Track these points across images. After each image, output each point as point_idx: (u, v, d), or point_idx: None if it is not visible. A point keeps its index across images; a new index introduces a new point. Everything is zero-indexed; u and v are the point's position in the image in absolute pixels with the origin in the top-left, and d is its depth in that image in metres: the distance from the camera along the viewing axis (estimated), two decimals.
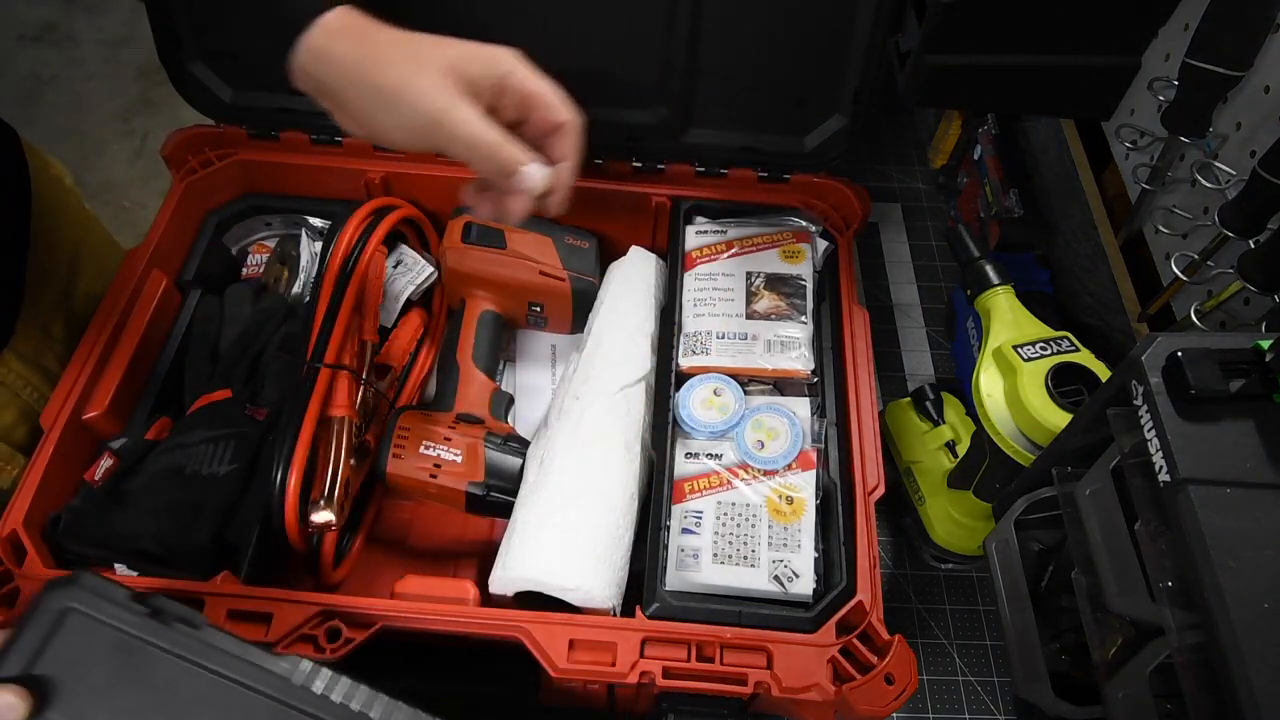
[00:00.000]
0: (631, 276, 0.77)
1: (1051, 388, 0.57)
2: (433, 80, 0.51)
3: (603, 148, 0.77)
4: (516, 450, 0.69)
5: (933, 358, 0.90)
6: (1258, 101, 0.64)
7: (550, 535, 0.61)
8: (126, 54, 2.25)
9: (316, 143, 0.77)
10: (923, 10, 0.66)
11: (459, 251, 0.75)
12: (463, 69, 0.52)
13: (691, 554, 0.61)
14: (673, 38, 0.71)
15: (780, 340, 0.69)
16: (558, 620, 0.56)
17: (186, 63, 0.75)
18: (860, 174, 1.03)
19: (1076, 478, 0.48)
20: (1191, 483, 0.38)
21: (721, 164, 0.78)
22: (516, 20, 0.71)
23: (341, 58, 0.53)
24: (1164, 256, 0.74)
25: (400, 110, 0.51)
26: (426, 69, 0.51)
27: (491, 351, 0.76)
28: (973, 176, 0.95)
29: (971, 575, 0.77)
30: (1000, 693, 0.71)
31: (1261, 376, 0.40)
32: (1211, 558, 0.36)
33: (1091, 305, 0.85)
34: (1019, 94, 0.72)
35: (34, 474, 0.60)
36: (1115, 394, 0.44)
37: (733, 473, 0.64)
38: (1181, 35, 0.67)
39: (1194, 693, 0.38)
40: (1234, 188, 0.66)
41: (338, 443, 0.65)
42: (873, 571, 0.58)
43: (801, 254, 0.74)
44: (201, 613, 0.42)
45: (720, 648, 0.55)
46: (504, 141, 0.52)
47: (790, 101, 0.75)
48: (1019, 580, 0.54)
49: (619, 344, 0.71)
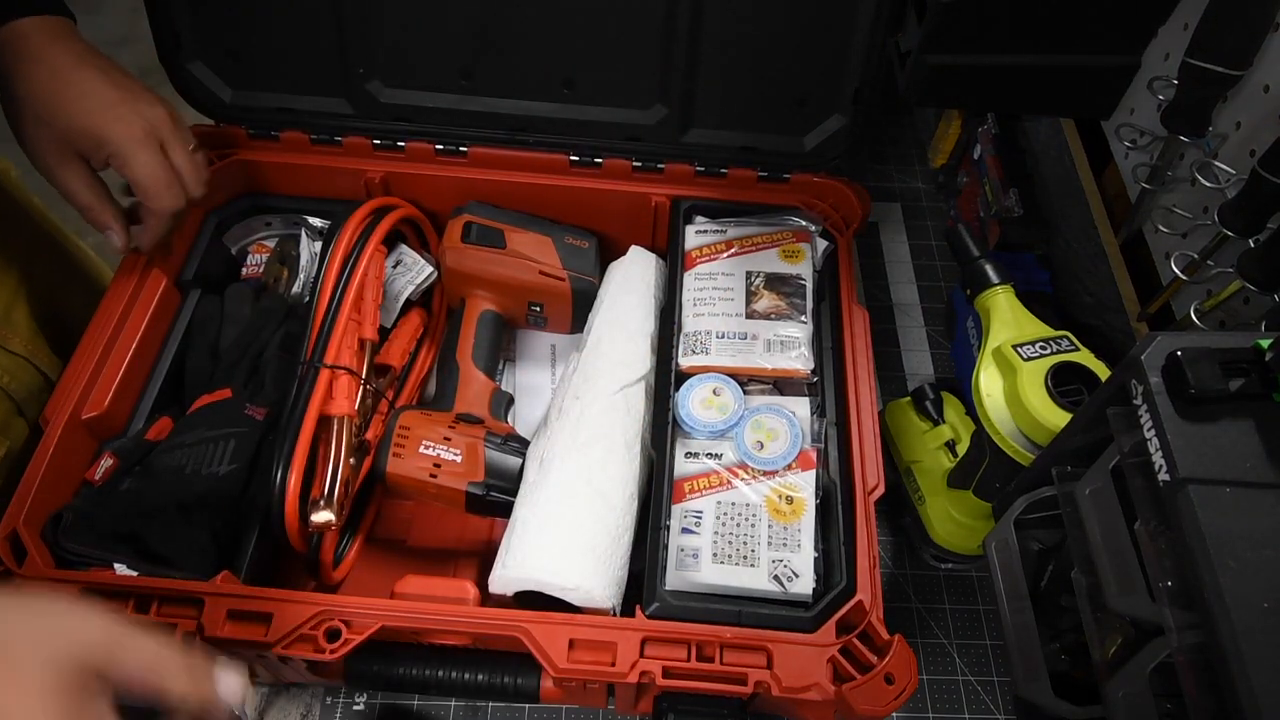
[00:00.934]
0: (631, 276, 0.77)
1: (1051, 387, 0.57)
2: (45, 148, 0.62)
3: (603, 148, 0.77)
4: (516, 450, 0.69)
5: (933, 358, 0.90)
6: (1257, 101, 0.64)
7: (550, 535, 0.61)
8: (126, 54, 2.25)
9: (316, 143, 0.77)
10: (923, 10, 0.66)
11: (459, 251, 0.75)
12: (73, 142, 0.62)
13: (691, 554, 0.61)
14: (673, 38, 0.71)
15: (780, 340, 0.69)
16: (558, 620, 0.56)
17: (186, 63, 0.75)
18: (860, 174, 1.03)
19: (1076, 477, 0.48)
20: (1191, 482, 0.38)
21: (721, 164, 0.78)
22: (517, 20, 0.71)
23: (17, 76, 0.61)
24: (1164, 256, 0.74)
25: (25, 148, 0.63)
26: (43, 143, 0.62)
27: (491, 351, 0.76)
28: (973, 176, 0.95)
29: (971, 575, 0.77)
30: (1000, 692, 0.71)
31: (1261, 376, 0.40)
32: (1211, 558, 0.36)
33: (1091, 305, 0.85)
34: (1019, 94, 0.72)
35: (34, 474, 0.59)
36: (1115, 393, 0.44)
37: (732, 472, 0.64)
38: (1181, 35, 0.66)
39: (1194, 693, 0.38)
40: (1234, 187, 0.66)
41: (338, 442, 0.65)
42: (873, 571, 0.58)
43: (801, 254, 0.74)
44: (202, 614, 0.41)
45: (720, 647, 0.55)
46: (93, 204, 0.64)
47: (790, 101, 0.75)
48: (1019, 580, 0.54)
49: (619, 344, 0.71)
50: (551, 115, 0.76)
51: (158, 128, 0.64)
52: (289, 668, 0.59)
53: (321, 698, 0.69)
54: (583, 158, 0.78)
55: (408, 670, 0.58)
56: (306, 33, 0.73)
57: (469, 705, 0.69)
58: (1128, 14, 0.65)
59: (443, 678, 0.59)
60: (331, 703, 0.69)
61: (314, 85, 0.76)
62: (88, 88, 0.62)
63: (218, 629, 0.54)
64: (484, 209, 0.78)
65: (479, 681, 0.59)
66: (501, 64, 0.74)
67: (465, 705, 0.69)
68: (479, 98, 0.76)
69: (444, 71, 0.75)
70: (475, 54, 0.74)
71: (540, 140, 0.77)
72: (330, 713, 0.68)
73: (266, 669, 0.61)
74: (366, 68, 0.75)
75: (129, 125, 0.62)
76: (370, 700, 0.69)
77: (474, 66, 0.74)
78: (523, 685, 0.59)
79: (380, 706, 0.69)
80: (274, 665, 0.59)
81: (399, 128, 0.77)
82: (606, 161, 0.78)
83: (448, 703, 0.69)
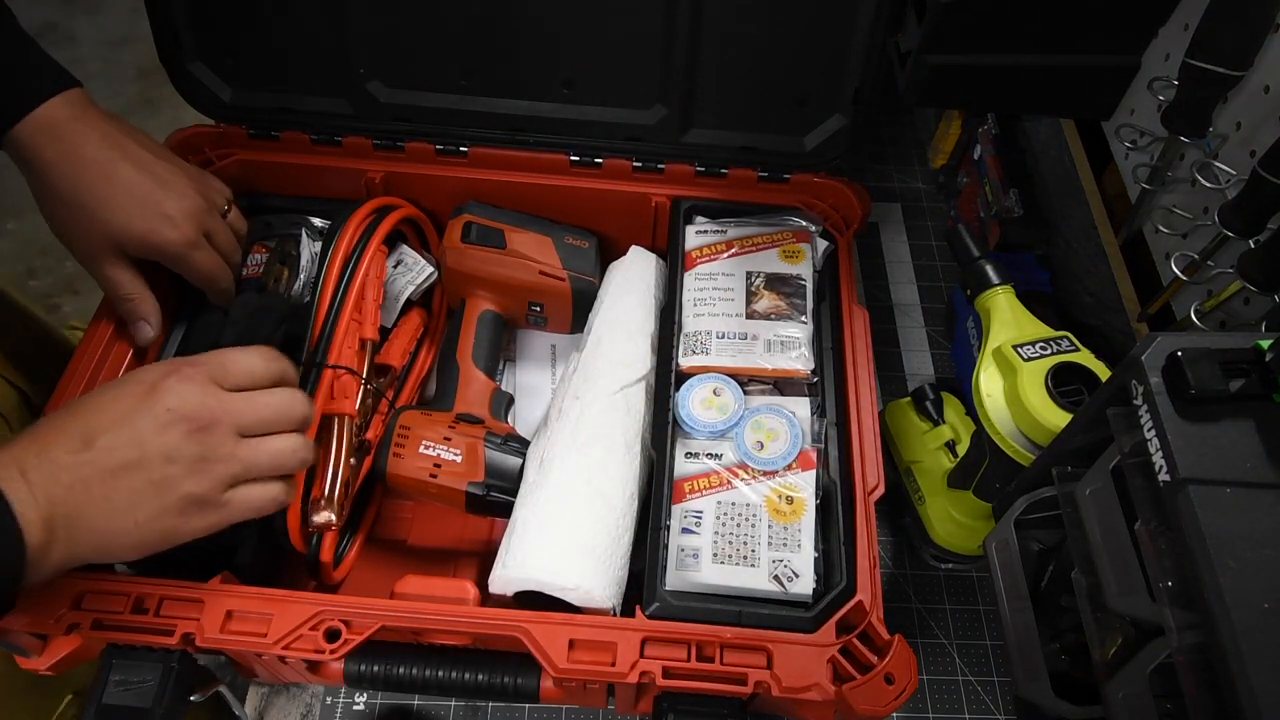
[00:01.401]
0: (631, 276, 0.77)
1: (1051, 387, 0.57)
2: (86, 246, 0.64)
3: (603, 148, 0.77)
4: (516, 450, 0.69)
5: (933, 358, 0.90)
6: (1258, 101, 0.64)
7: (551, 535, 0.61)
8: (126, 54, 2.25)
9: (316, 143, 0.77)
10: (923, 10, 0.66)
11: (459, 251, 0.75)
12: (114, 243, 0.64)
13: (691, 554, 0.61)
14: (673, 38, 0.71)
15: (780, 340, 0.69)
16: (558, 620, 0.56)
17: (186, 63, 0.75)
18: (860, 174, 1.03)
19: (1076, 478, 0.48)
20: (1191, 483, 0.38)
21: (721, 164, 0.78)
22: (517, 20, 0.71)
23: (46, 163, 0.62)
24: (1164, 256, 0.74)
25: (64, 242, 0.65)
26: (83, 236, 0.63)
27: (491, 351, 0.76)
28: (973, 176, 0.95)
29: (971, 575, 0.77)
30: (1000, 692, 0.71)
31: (1261, 376, 0.40)
32: (1211, 558, 0.36)
33: (1091, 305, 0.85)
34: (1019, 94, 0.72)
35: None
36: (1115, 394, 0.44)
37: (732, 472, 0.64)
38: (1181, 35, 0.66)
39: (1194, 693, 0.38)
40: (1234, 187, 0.66)
41: (338, 442, 0.65)
42: (873, 571, 0.58)
43: (801, 254, 0.74)
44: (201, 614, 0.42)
45: (720, 647, 0.55)
46: (132, 298, 0.66)
47: (790, 101, 0.75)
48: (1019, 580, 0.54)
49: (619, 344, 0.71)
50: (551, 115, 0.76)
51: (201, 220, 0.66)
52: (289, 668, 0.59)
53: (321, 698, 0.69)
54: (583, 158, 0.78)
55: (408, 670, 0.58)
56: (307, 33, 0.73)
57: (469, 705, 0.69)
58: (1128, 14, 0.65)
59: (443, 678, 0.59)
60: (331, 703, 0.69)
61: (314, 85, 0.76)
62: (130, 188, 0.63)
63: (217, 629, 0.54)
64: (484, 209, 0.78)
65: (479, 681, 0.59)
66: (501, 64, 0.74)
67: (465, 705, 0.69)
68: (479, 98, 0.76)
69: (444, 71, 0.75)
70: (475, 54, 0.74)
71: (540, 140, 0.77)
72: (330, 713, 0.68)
73: (266, 669, 0.61)
74: (367, 68, 0.75)
75: (180, 231, 0.64)
76: (370, 700, 0.69)
77: (474, 66, 0.75)
78: (522, 685, 0.59)
79: (380, 706, 0.69)
80: (274, 665, 0.59)
81: (399, 128, 0.77)
82: (606, 161, 0.78)
83: (448, 703, 0.69)
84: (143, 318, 0.67)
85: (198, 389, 0.52)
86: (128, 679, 0.54)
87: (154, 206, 0.63)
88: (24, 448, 0.48)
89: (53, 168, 0.61)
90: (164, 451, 0.50)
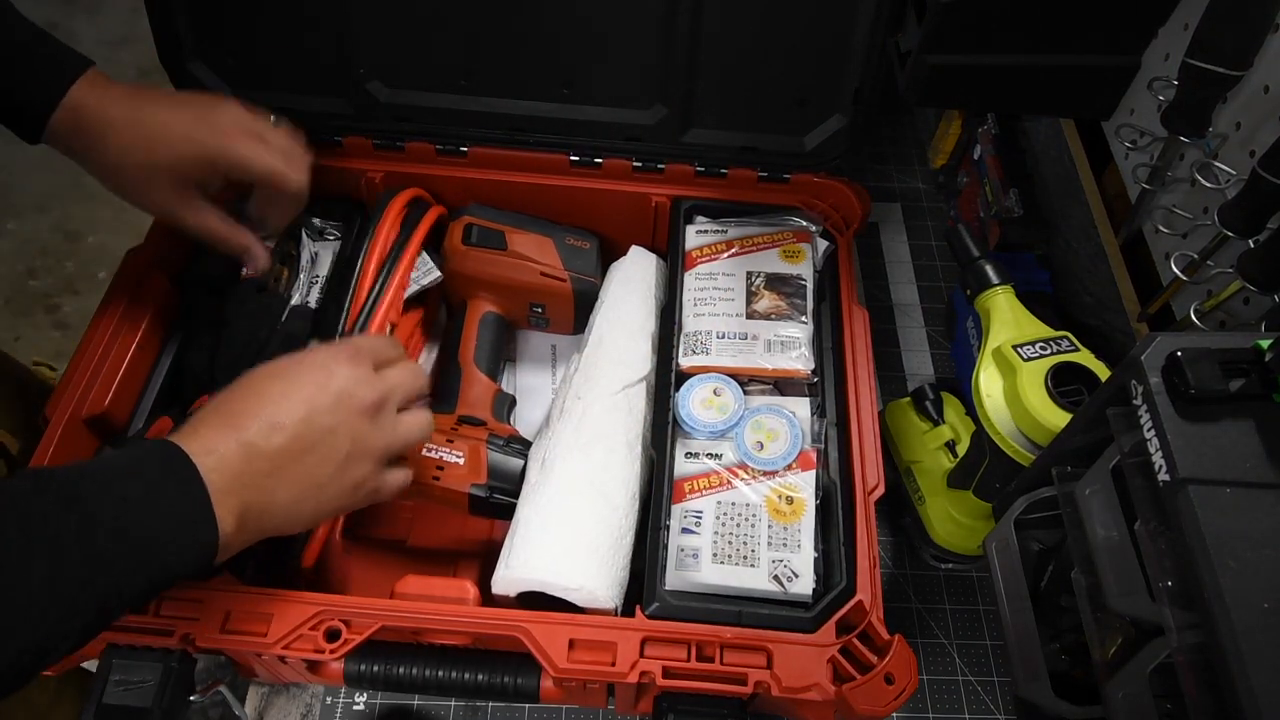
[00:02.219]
0: (632, 276, 0.77)
1: (1051, 387, 0.57)
2: (164, 195, 0.63)
3: (603, 148, 0.77)
4: (519, 452, 0.69)
5: (933, 358, 0.90)
6: (1258, 101, 0.64)
7: (553, 535, 0.61)
8: (126, 54, 2.25)
9: (316, 142, 0.77)
10: (923, 10, 0.66)
11: (460, 254, 0.75)
12: (186, 174, 0.63)
13: (691, 554, 0.61)
14: (673, 38, 0.71)
15: (780, 340, 0.69)
16: (558, 620, 0.56)
17: (186, 63, 0.75)
18: (860, 174, 1.03)
19: (1076, 478, 0.48)
20: (1191, 482, 0.38)
21: (721, 164, 0.78)
22: (517, 20, 0.72)
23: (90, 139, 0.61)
24: (1164, 256, 0.74)
25: (144, 205, 0.65)
26: (157, 183, 0.63)
27: (493, 353, 0.76)
28: (973, 176, 0.95)
29: (971, 575, 0.77)
30: (1000, 692, 0.71)
31: (1261, 376, 0.40)
32: (1211, 558, 0.36)
33: (1091, 305, 0.85)
34: (1019, 94, 0.72)
35: None
36: (1115, 394, 0.44)
37: (732, 472, 0.64)
38: (1181, 35, 0.66)
39: (1194, 693, 0.38)
40: (1234, 187, 0.66)
41: None
42: (873, 571, 0.58)
43: (801, 254, 0.74)
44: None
45: (720, 647, 0.55)
46: (230, 233, 0.67)
47: (790, 101, 0.75)
48: (1019, 580, 0.54)
49: (620, 344, 0.71)
50: (551, 115, 0.76)
51: (245, 124, 0.65)
52: (289, 668, 0.59)
53: (321, 698, 0.69)
54: (583, 158, 0.78)
55: (407, 670, 0.58)
56: (307, 33, 0.73)
57: (469, 705, 0.69)
58: (1128, 14, 0.65)
59: (443, 677, 0.59)
60: (331, 703, 0.69)
61: (314, 85, 0.76)
62: (167, 118, 0.62)
63: (217, 629, 0.54)
64: (484, 211, 0.78)
65: (479, 681, 0.59)
66: (501, 64, 0.74)
67: (465, 705, 0.69)
68: (479, 98, 0.76)
69: (444, 71, 0.75)
70: (475, 54, 0.74)
71: (540, 140, 0.77)
72: (330, 713, 0.68)
73: (266, 669, 0.61)
74: (367, 68, 0.75)
75: (228, 134, 0.64)
76: (370, 700, 0.69)
77: (474, 66, 0.75)
78: (522, 685, 0.59)
79: (380, 706, 0.69)
80: (274, 665, 0.59)
81: (399, 128, 0.77)
82: (606, 162, 0.78)
83: (448, 703, 0.69)
84: (247, 247, 0.68)
85: (364, 372, 0.55)
86: (127, 679, 0.54)
87: (198, 125, 0.63)
88: (213, 434, 0.49)
89: (97, 139, 0.61)
90: (350, 433, 0.53)
